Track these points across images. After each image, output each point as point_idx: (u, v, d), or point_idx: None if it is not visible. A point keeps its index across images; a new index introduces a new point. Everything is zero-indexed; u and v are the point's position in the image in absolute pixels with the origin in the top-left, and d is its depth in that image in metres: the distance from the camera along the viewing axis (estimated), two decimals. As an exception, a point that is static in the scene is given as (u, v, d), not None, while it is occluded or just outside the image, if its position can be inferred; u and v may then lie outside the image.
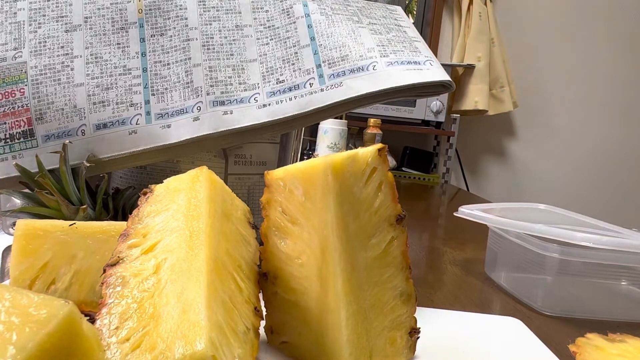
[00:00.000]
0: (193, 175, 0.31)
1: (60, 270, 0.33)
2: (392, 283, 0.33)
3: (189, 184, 0.31)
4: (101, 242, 0.34)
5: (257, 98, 0.46)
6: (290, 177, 0.32)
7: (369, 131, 1.53)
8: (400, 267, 0.33)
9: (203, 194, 0.30)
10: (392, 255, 0.33)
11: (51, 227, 0.34)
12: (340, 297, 0.29)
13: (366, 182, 0.32)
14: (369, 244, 0.32)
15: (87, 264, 0.33)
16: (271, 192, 0.33)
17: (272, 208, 0.33)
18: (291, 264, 0.32)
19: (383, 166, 0.32)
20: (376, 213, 0.32)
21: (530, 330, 0.43)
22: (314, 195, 0.30)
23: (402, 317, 0.33)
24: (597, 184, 2.22)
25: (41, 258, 0.33)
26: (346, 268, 0.30)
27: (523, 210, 0.71)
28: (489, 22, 1.98)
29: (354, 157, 0.31)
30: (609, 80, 2.19)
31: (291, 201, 0.32)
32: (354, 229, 0.31)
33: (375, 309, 0.32)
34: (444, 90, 0.49)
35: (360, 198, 0.31)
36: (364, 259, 0.31)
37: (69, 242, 0.33)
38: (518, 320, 0.45)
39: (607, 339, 0.35)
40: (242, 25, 0.48)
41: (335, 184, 0.30)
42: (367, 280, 0.31)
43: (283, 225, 0.32)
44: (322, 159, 0.30)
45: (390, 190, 0.33)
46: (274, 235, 0.33)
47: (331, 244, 0.30)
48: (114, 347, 0.23)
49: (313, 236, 0.31)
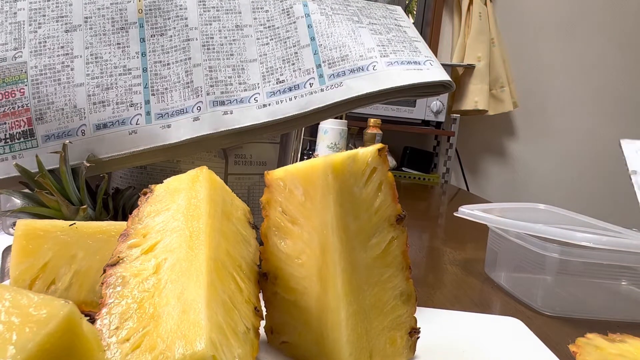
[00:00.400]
0: (193, 175, 0.31)
1: (60, 270, 0.33)
2: (392, 283, 0.33)
3: (189, 184, 0.31)
4: (101, 242, 0.34)
5: (257, 98, 0.46)
6: (290, 177, 0.31)
7: (369, 131, 1.53)
8: (400, 267, 0.33)
9: (203, 194, 0.30)
10: (392, 255, 0.33)
11: (51, 227, 0.34)
12: (340, 297, 0.29)
13: (366, 182, 0.32)
14: (369, 244, 0.32)
15: (87, 264, 0.33)
16: (271, 192, 0.33)
17: (272, 208, 0.33)
18: (291, 264, 0.32)
19: (383, 166, 0.32)
20: (376, 213, 0.32)
21: (530, 330, 0.43)
22: (314, 195, 0.30)
23: (402, 317, 0.33)
24: (597, 184, 2.22)
25: (41, 258, 0.33)
26: (346, 268, 0.30)
27: (523, 210, 0.71)
28: (489, 22, 1.98)
29: (354, 157, 0.31)
30: (609, 80, 2.19)
31: (291, 201, 0.32)
32: (354, 229, 0.31)
33: (375, 309, 0.32)
34: (444, 91, 0.49)
35: (360, 198, 0.31)
36: (364, 259, 0.31)
37: (69, 242, 0.33)
38: (518, 320, 0.45)
39: (607, 339, 0.35)
40: (242, 25, 0.48)
41: (335, 184, 0.30)
42: (367, 280, 0.31)
43: (283, 225, 0.32)
44: (322, 159, 0.30)
45: (390, 190, 0.33)
46: (274, 235, 0.33)
47: (331, 244, 0.30)
48: (114, 347, 0.23)
49: (313, 236, 0.31)
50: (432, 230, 0.91)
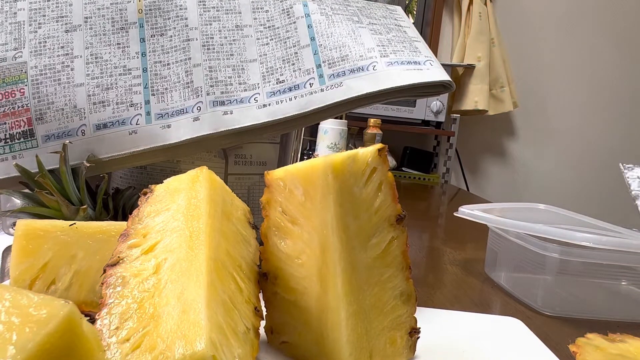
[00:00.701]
0: (193, 176, 0.31)
1: (60, 270, 0.33)
2: (392, 283, 0.33)
3: (189, 184, 0.31)
4: (101, 242, 0.34)
5: (257, 98, 0.46)
6: (290, 177, 0.31)
7: (369, 131, 1.53)
8: (400, 267, 0.33)
9: (203, 194, 0.30)
10: (392, 255, 0.33)
11: (51, 227, 0.34)
12: (340, 297, 0.29)
13: (366, 182, 0.32)
14: (369, 244, 0.32)
15: (87, 264, 0.33)
16: (271, 192, 0.33)
17: (272, 208, 0.33)
18: (291, 264, 0.32)
19: (383, 166, 0.32)
20: (376, 213, 0.32)
21: (530, 331, 0.43)
22: (314, 195, 0.30)
23: (402, 317, 0.33)
24: (597, 184, 2.22)
25: (41, 258, 0.33)
26: (346, 268, 0.30)
27: (523, 210, 0.71)
28: (489, 22, 1.98)
29: (354, 157, 0.31)
30: (609, 80, 2.19)
31: (291, 201, 0.32)
32: (354, 229, 0.31)
33: (375, 309, 0.32)
34: (444, 91, 0.49)
35: (360, 198, 0.31)
36: (364, 259, 0.31)
37: (69, 242, 0.33)
38: (518, 320, 0.45)
39: (607, 339, 0.35)
40: (242, 25, 0.48)
41: (335, 184, 0.30)
42: (367, 280, 0.31)
43: (283, 225, 0.32)
44: (322, 159, 0.30)
45: (390, 190, 0.33)
46: (274, 235, 0.33)
47: (331, 244, 0.30)
48: (114, 347, 0.23)
49: (313, 236, 0.31)
50: (432, 230, 0.91)
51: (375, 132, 1.52)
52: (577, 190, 2.22)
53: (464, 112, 1.99)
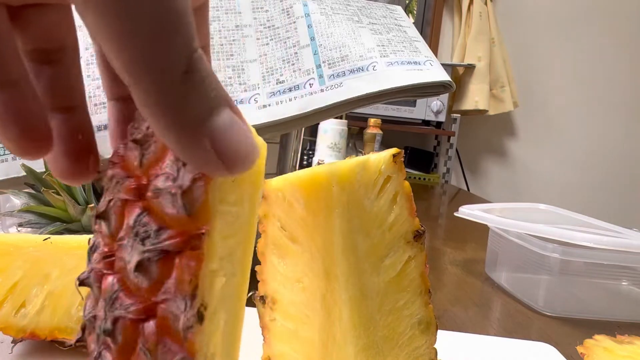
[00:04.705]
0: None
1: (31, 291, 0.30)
2: (408, 310, 0.28)
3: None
4: (78, 258, 0.30)
5: (257, 99, 0.46)
6: (290, 187, 0.27)
7: (369, 131, 1.53)
8: (418, 292, 0.28)
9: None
10: (408, 278, 0.28)
11: (22, 242, 0.30)
12: (348, 330, 0.26)
13: (378, 193, 0.27)
14: (381, 265, 0.27)
15: (61, 284, 0.30)
16: (269, 204, 0.28)
17: (269, 223, 0.28)
18: (291, 288, 0.28)
19: (399, 174, 0.27)
20: (390, 229, 0.27)
21: (564, 357, 0.40)
22: (317, 209, 0.26)
23: (420, 349, 0.28)
24: (598, 184, 2.22)
25: (10, 277, 0.30)
26: (355, 295, 0.26)
27: (523, 210, 0.71)
28: (489, 21, 1.98)
29: (364, 164, 0.26)
30: (609, 80, 2.19)
31: (291, 215, 0.27)
32: (364, 248, 0.27)
33: (389, 341, 0.27)
34: (444, 91, 0.49)
35: (372, 212, 0.27)
36: (376, 284, 0.27)
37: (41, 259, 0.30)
38: (550, 345, 0.42)
39: (616, 340, 0.35)
40: (242, 25, 0.48)
41: (341, 196, 0.26)
42: (380, 309, 0.27)
43: (282, 242, 0.28)
44: (326, 167, 0.26)
45: (407, 202, 0.28)
46: (272, 254, 0.28)
47: (337, 267, 0.26)
48: None
49: (316, 257, 0.27)
50: (432, 230, 0.91)
51: (376, 132, 1.52)
52: (578, 190, 2.22)
53: (465, 112, 1.99)
